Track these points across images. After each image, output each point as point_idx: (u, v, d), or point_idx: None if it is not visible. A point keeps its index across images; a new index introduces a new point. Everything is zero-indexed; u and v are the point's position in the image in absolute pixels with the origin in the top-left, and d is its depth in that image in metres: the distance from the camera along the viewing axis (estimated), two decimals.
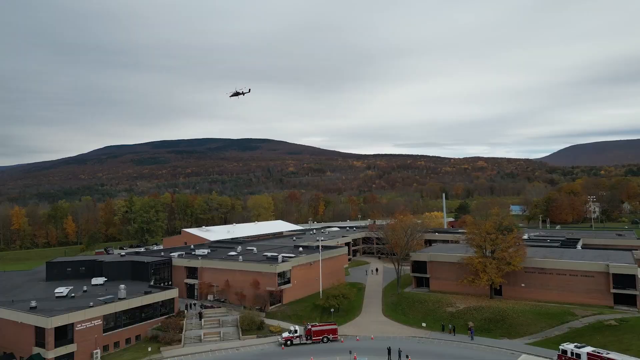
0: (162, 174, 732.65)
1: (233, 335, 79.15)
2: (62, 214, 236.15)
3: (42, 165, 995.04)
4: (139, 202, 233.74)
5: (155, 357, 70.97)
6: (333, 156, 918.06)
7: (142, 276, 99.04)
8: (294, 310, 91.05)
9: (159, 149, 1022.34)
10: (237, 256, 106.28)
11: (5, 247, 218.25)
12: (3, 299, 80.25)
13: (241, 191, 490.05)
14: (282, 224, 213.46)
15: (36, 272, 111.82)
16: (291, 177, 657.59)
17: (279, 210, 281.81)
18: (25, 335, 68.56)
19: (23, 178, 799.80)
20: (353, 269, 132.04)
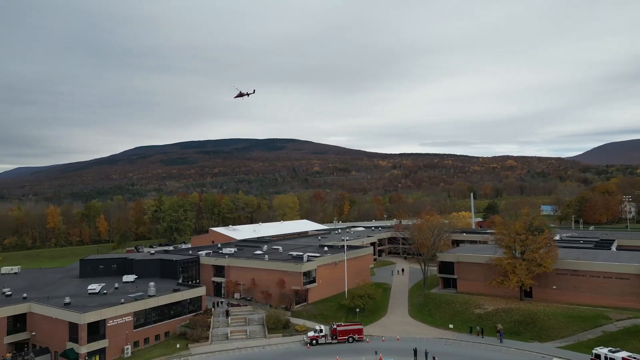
0: (190, 174, 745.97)
1: (259, 334, 79.89)
2: (95, 213, 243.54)
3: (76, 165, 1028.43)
4: (168, 201, 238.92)
5: (183, 353, 72.33)
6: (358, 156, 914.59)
7: (170, 274, 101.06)
8: (319, 310, 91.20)
9: (187, 149, 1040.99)
10: (263, 255, 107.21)
11: (41, 244, 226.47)
12: (39, 295, 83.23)
13: (267, 191, 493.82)
14: (307, 223, 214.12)
15: (70, 270, 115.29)
16: (316, 176, 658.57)
17: (304, 209, 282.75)
18: (60, 331, 70.96)
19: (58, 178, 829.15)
20: (378, 269, 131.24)
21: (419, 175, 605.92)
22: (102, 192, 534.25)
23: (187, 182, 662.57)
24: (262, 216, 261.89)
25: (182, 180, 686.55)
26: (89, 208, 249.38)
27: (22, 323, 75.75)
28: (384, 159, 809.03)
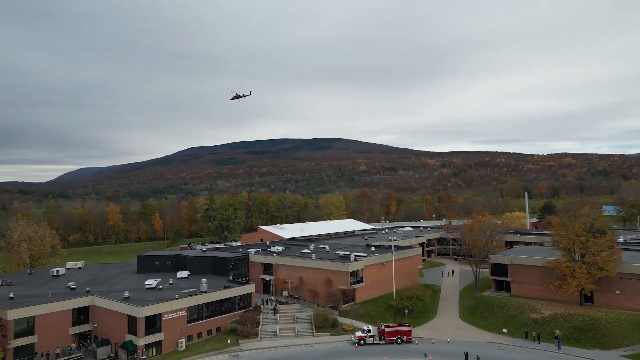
0: (240, 173, 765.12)
1: (307, 332, 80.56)
2: (151, 211, 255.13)
3: (134, 166, 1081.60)
4: (218, 200, 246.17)
5: (234, 349, 74.21)
6: (405, 154, 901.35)
7: (221, 271, 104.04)
8: (366, 310, 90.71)
9: (237, 149, 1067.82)
10: (310, 254, 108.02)
11: (102, 241, 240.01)
12: (100, 289, 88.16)
13: (313, 190, 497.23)
14: (354, 222, 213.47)
15: (129, 265, 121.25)
16: (362, 175, 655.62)
17: (350, 209, 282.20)
18: (120, 323, 74.84)
19: (117, 178, 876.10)
20: (427, 270, 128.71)
21: (469, 174, 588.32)
22: (157, 192, 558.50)
23: (236, 181, 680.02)
24: (309, 215, 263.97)
25: (232, 179, 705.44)
26: (146, 207, 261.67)
27: (86, 315, 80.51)
28: (432, 158, 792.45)
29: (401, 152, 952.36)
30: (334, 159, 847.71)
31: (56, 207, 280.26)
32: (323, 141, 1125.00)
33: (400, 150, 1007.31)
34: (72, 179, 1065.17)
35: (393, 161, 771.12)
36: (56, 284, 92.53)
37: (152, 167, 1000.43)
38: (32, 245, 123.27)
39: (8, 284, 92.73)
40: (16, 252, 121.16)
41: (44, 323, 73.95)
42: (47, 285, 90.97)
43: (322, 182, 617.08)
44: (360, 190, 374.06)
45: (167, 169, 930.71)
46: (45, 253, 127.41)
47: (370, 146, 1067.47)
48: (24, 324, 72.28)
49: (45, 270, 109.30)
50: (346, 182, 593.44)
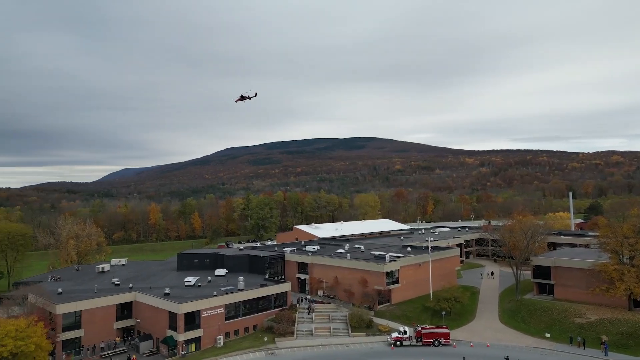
0: (275, 173, 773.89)
1: (342, 332, 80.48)
2: (190, 210, 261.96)
3: (173, 166, 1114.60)
4: (255, 200, 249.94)
5: (270, 347, 75.08)
6: (442, 153, 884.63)
7: (258, 269, 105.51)
8: (402, 311, 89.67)
9: (272, 149, 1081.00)
10: (345, 254, 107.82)
11: (144, 239, 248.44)
12: (143, 285, 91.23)
13: (348, 189, 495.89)
14: (389, 222, 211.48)
15: (168, 262, 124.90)
16: (398, 175, 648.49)
17: (385, 208, 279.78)
18: (161, 319, 77.21)
19: (158, 178, 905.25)
20: (466, 272, 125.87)
21: (509, 173, 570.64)
22: (196, 191, 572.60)
23: (272, 181, 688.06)
24: (344, 215, 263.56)
25: (267, 179, 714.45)
26: (185, 206, 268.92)
27: (129, 310, 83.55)
28: (470, 156, 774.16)
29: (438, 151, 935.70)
30: (368, 158, 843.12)
31: (101, 206, 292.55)
32: (358, 140, 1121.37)
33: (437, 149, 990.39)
34: (116, 179, 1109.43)
35: (430, 160, 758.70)
36: (101, 280, 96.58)
37: (191, 167, 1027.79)
38: (79, 242, 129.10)
39: (57, 280, 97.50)
40: (64, 249, 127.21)
41: (90, 317, 77.31)
42: (93, 281, 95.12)
43: (356, 182, 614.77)
44: (396, 190, 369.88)
45: (206, 169, 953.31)
46: (91, 250, 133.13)
47: (406, 145, 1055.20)
48: (71, 318, 75.81)
49: (92, 267, 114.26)
50: (381, 182, 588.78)
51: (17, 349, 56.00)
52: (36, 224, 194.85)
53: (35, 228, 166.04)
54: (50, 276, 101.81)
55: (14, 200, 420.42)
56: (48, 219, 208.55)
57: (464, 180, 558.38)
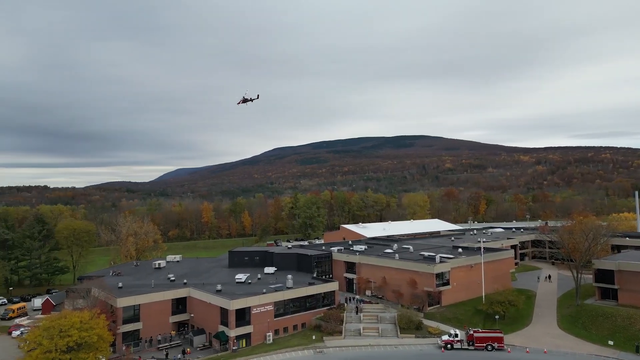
0: (322, 172, 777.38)
1: (391, 333, 79.57)
2: (240, 209, 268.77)
3: (224, 166, 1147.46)
4: (302, 199, 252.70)
5: (319, 345, 75.49)
6: (495, 151, 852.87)
7: (305, 268, 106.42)
8: (453, 313, 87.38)
9: (319, 149, 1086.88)
10: (393, 254, 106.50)
11: (197, 236, 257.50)
12: (196, 281, 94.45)
13: (395, 189, 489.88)
14: (439, 223, 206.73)
15: (220, 260, 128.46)
16: (448, 174, 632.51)
17: (435, 208, 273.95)
18: (213, 314, 79.63)
19: (210, 178, 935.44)
20: (520, 275, 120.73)
21: (568, 171, 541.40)
22: (246, 190, 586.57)
23: (319, 180, 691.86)
24: (391, 214, 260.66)
25: (314, 178, 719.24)
26: (235, 205, 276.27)
27: (183, 305, 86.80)
28: (526, 154, 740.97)
29: (491, 149, 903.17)
30: (417, 156, 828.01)
31: (157, 205, 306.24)
32: (406, 139, 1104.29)
33: (490, 146, 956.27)
34: (171, 179, 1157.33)
35: (482, 158, 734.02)
36: (158, 276, 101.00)
37: (241, 167, 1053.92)
38: (138, 239, 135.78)
39: (117, 275, 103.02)
40: (124, 246, 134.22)
41: (147, 311, 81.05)
42: (150, 277, 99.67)
43: (404, 181, 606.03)
44: (446, 189, 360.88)
45: (255, 168, 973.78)
46: (148, 247, 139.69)
47: (456, 143, 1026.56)
48: (131, 311, 79.81)
49: (149, 263, 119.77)
50: (430, 181, 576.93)
51: (82, 339, 59.63)
52: (99, 222, 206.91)
53: (98, 225, 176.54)
54: (112, 271, 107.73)
55: (79, 199, 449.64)
56: (109, 217, 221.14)
57: (519, 178, 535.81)
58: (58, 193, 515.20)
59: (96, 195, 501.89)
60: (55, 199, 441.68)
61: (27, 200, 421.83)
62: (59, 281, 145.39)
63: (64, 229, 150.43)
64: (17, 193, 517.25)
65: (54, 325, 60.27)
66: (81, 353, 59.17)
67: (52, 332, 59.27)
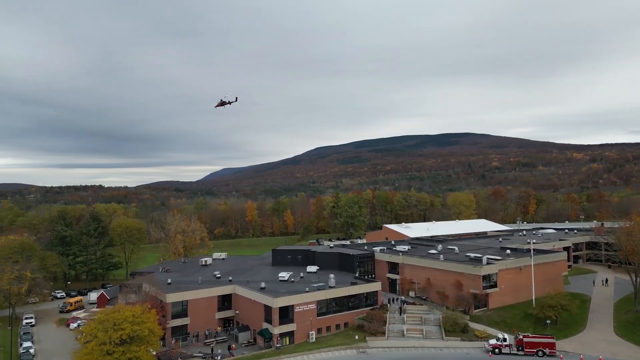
0: (364, 171, 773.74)
1: (436, 335, 78.04)
2: (283, 208, 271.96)
3: (267, 166, 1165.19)
4: (344, 198, 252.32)
5: (361, 345, 75.19)
6: (546, 148, 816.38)
7: (348, 267, 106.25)
8: (501, 317, 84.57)
9: (361, 148, 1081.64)
10: (437, 255, 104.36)
11: (242, 234, 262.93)
12: (241, 279, 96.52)
13: (440, 188, 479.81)
14: (486, 223, 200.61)
15: (264, 258, 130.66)
16: (495, 172, 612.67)
17: (481, 208, 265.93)
18: (257, 312, 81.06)
19: (253, 177, 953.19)
20: (574, 278, 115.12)
21: (627, 169, 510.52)
22: (288, 189, 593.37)
23: (360, 179, 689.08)
24: (435, 214, 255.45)
25: (356, 177, 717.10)
26: (278, 204, 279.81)
27: (229, 302, 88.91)
28: (579, 151, 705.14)
29: (541, 146, 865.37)
30: (462, 154, 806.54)
31: (204, 204, 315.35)
32: (451, 136, 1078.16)
33: (540, 143, 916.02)
34: (217, 178, 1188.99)
35: (531, 156, 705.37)
36: (204, 273, 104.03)
37: (284, 166, 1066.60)
38: (186, 237, 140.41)
39: (167, 271, 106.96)
40: (173, 243, 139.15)
41: (195, 307, 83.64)
42: (197, 273, 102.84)
43: (449, 180, 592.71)
44: (493, 188, 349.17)
45: (297, 168, 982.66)
46: (195, 244, 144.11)
47: (504, 140, 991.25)
48: (179, 306, 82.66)
49: (196, 260, 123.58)
50: (476, 180, 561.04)
51: (134, 332, 62.30)
52: (149, 220, 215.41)
53: (148, 223, 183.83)
54: (161, 267, 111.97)
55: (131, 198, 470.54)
56: (159, 215, 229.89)
57: (572, 177, 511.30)
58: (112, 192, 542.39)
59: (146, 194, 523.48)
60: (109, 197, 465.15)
61: (84, 199, 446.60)
62: (113, 276, 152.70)
63: (117, 226, 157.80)
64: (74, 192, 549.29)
65: (109, 318, 63.34)
66: (133, 346, 61.78)
67: (107, 325, 62.30)
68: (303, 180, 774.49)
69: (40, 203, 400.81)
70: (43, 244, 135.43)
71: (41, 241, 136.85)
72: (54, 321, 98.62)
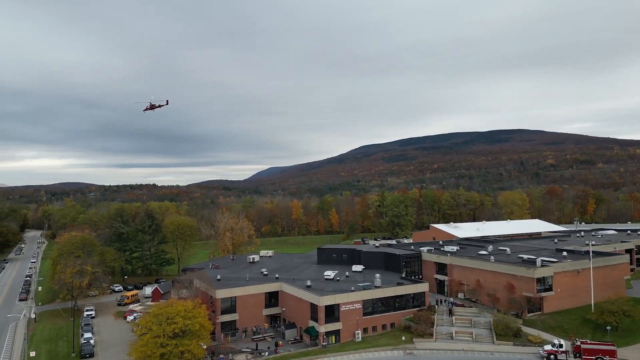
0: (410, 170, 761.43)
1: (486, 338, 75.60)
2: (328, 206, 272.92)
3: (312, 165, 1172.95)
4: (389, 197, 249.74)
5: (408, 346, 74.11)
6: (606, 144, 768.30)
7: (393, 267, 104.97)
8: (557, 322, 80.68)
9: (406, 146, 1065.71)
10: (488, 256, 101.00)
11: (288, 232, 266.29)
12: (287, 276, 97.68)
13: (490, 186, 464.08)
14: (540, 223, 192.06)
15: (309, 256, 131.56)
16: (550, 170, 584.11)
17: (535, 207, 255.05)
18: (303, 309, 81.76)
19: (299, 176, 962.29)
20: (637, 282, 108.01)
21: None
22: (333, 188, 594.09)
23: (406, 178, 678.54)
24: (486, 214, 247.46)
25: (402, 176, 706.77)
26: (323, 202, 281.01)
27: (275, 299, 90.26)
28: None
29: (600, 142, 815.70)
30: (514, 152, 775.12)
31: (251, 202, 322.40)
32: (501, 133, 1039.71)
33: (599, 139, 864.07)
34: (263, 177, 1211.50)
35: (590, 153, 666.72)
36: (252, 269, 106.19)
37: (328, 165, 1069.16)
38: (234, 234, 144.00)
39: (216, 267, 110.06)
40: (222, 240, 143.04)
41: (243, 303, 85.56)
42: (245, 270, 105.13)
43: (500, 178, 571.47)
44: (548, 187, 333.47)
45: (342, 166, 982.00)
46: (243, 242, 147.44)
47: (559, 136, 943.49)
48: (228, 302, 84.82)
49: (244, 257, 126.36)
50: (529, 178, 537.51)
51: (186, 326, 64.62)
52: (199, 218, 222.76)
53: (199, 221, 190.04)
54: (211, 264, 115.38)
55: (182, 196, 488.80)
56: (209, 213, 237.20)
57: (635, 175, 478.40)
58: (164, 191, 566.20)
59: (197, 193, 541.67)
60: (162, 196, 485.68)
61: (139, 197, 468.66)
62: (166, 272, 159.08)
63: (170, 224, 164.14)
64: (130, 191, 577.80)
65: (162, 312, 66.05)
66: (185, 339, 64.07)
67: (161, 319, 64.98)
68: (348, 178, 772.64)
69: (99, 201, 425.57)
70: (102, 240, 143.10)
71: (101, 237, 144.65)
72: (112, 313, 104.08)
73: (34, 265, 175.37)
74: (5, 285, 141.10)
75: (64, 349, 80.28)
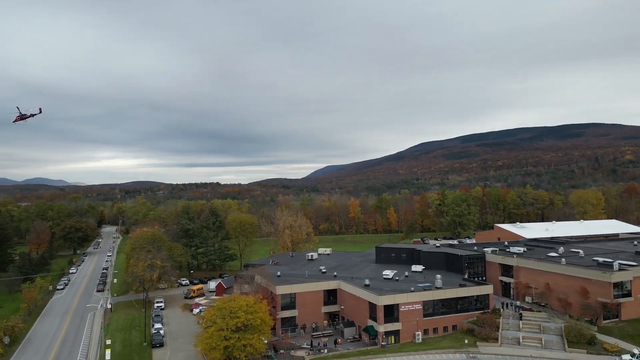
0: (472, 167, 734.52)
1: (557, 345, 71.31)
2: (386, 205, 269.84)
3: (369, 163, 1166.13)
4: (450, 195, 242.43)
5: (472, 350, 71.56)
6: None
7: (455, 268, 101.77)
8: (636, 330, 74.63)
9: (468, 143, 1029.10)
10: (558, 258, 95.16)
11: (345, 231, 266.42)
12: (345, 274, 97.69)
13: (561, 184, 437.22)
14: (618, 224, 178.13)
15: (367, 255, 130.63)
16: (629, 166, 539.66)
17: (611, 207, 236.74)
18: (362, 308, 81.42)
19: (356, 174, 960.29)
20: None
21: None
22: (391, 186, 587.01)
23: (469, 176, 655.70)
24: (556, 214, 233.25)
25: (463, 174, 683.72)
26: (381, 201, 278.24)
27: (334, 297, 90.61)
28: None
29: None
30: (587, 147, 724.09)
31: (309, 200, 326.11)
32: (573, 127, 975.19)
33: None
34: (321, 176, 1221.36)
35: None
36: (310, 267, 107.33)
37: (386, 163, 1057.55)
38: (293, 232, 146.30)
39: (276, 264, 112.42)
40: (281, 237, 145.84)
41: (302, 300, 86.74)
42: (304, 267, 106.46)
43: (572, 175, 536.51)
44: (627, 185, 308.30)
45: (400, 164, 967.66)
46: (302, 239, 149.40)
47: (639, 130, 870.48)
48: (287, 299, 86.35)
49: (302, 254, 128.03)
50: (605, 175, 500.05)
51: (248, 321, 66.60)
52: (260, 215, 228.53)
53: (259, 218, 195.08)
54: (271, 260, 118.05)
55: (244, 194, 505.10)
56: (269, 211, 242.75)
57: None
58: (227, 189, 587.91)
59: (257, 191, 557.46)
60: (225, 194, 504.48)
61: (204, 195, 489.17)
62: (229, 267, 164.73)
63: (232, 221, 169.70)
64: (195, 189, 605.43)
65: (226, 306, 68.53)
66: (247, 333, 66.06)
67: (224, 313, 67.45)
68: (406, 177, 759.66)
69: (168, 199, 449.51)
70: (170, 236, 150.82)
71: (169, 233, 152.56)
72: (180, 306, 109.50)
73: (110, 258, 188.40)
74: (85, 276, 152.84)
75: (136, 338, 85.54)
